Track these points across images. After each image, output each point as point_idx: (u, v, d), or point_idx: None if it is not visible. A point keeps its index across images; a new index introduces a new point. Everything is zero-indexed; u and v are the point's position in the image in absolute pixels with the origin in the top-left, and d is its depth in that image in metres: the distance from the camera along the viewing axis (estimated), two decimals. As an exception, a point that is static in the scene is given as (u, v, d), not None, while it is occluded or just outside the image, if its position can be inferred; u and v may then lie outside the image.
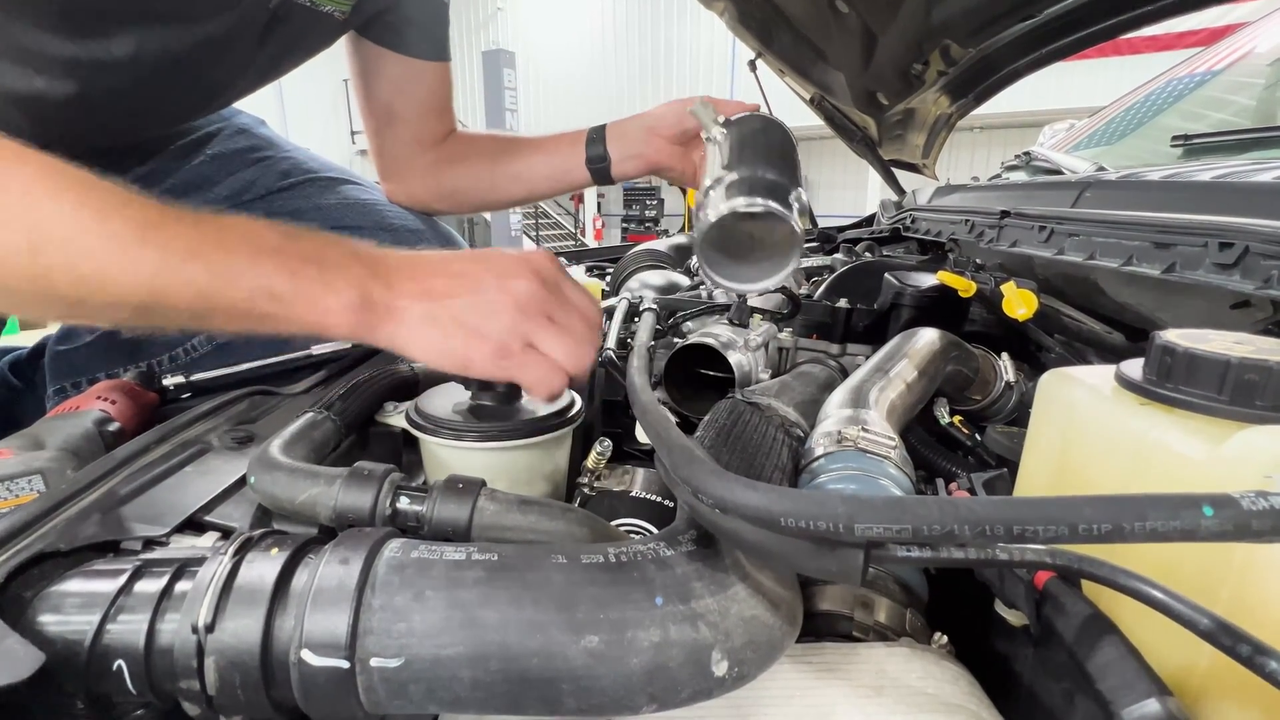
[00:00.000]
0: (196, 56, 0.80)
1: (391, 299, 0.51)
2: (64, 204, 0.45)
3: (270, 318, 0.49)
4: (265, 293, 0.48)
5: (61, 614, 0.33)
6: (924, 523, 0.27)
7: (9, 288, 0.45)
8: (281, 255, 0.50)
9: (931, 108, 1.58)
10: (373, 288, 0.50)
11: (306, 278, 0.49)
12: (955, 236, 1.06)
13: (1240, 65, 1.22)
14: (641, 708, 0.31)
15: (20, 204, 0.44)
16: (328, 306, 0.49)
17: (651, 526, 0.53)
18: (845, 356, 0.89)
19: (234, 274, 0.48)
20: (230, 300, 0.48)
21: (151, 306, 0.47)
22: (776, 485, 0.31)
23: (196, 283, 0.47)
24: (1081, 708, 0.34)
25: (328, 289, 0.49)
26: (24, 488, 0.49)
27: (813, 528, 0.28)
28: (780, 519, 0.28)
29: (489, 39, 12.96)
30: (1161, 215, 0.64)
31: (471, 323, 0.50)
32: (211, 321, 0.49)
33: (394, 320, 0.51)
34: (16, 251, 0.44)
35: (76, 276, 0.45)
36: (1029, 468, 0.48)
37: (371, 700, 0.31)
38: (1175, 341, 0.37)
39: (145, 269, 0.46)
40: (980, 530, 0.26)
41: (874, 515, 0.27)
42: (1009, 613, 0.40)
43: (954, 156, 11.14)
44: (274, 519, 0.45)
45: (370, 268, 0.51)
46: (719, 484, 0.31)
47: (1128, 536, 0.25)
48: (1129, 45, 7.44)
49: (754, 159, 0.58)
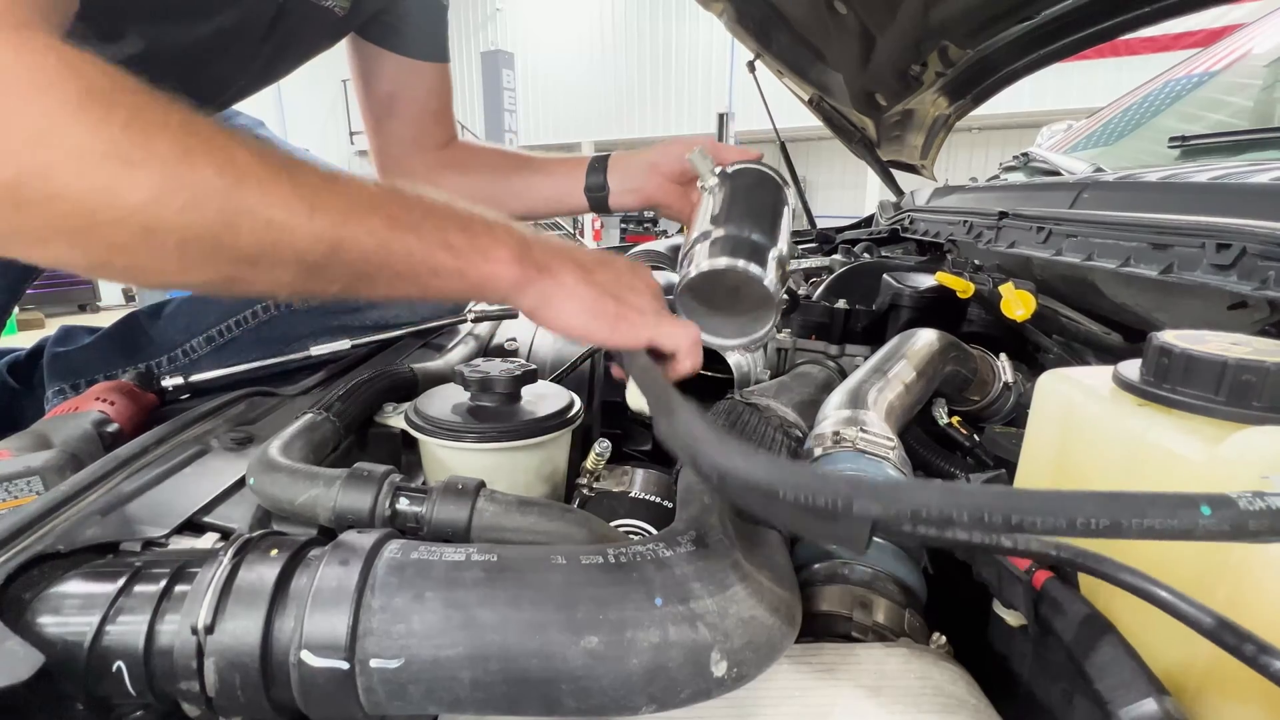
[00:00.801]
0: (203, 52, 0.81)
1: (549, 260, 0.53)
2: (251, 148, 0.43)
3: (440, 271, 0.49)
4: (441, 243, 0.49)
5: (61, 615, 0.33)
6: (923, 507, 0.27)
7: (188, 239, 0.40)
8: (450, 212, 0.51)
9: (930, 108, 1.59)
10: (534, 249, 0.53)
11: (475, 230, 0.51)
12: (953, 237, 1.07)
13: (1238, 66, 1.22)
14: (641, 708, 0.31)
15: (213, 144, 0.41)
16: (498, 256, 0.51)
17: (650, 527, 0.53)
18: (844, 357, 0.89)
19: (413, 223, 0.48)
20: (408, 249, 0.48)
21: (329, 261, 0.45)
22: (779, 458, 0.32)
23: (378, 233, 0.46)
24: (1079, 707, 0.34)
25: (496, 240, 0.51)
26: (23, 489, 0.49)
27: (812, 503, 0.29)
28: (780, 491, 0.29)
29: (488, 40, 12.96)
30: (1159, 216, 0.64)
31: (618, 291, 0.54)
32: (377, 280, 0.48)
33: (551, 279, 0.53)
34: (210, 192, 0.40)
35: (266, 222, 0.42)
36: (1027, 468, 0.48)
37: (371, 701, 0.31)
38: (1172, 342, 0.37)
39: (334, 216, 0.44)
40: (979, 518, 0.27)
41: (874, 496, 0.28)
42: (1007, 613, 0.40)
43: (952, 157, 11.13)
44: (273, 520, 0.45)
45: (527, 232, 0.54)
46: (719, 453, 0.32)
47: (1125, 533, 0.25)
48: (1127, 46, 7.44)
49: (742, 218, 0.60)
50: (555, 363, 0.89)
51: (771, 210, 0.63)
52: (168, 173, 0.39)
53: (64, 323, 1.00)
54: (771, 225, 0.61)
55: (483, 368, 0.56)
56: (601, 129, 13.33)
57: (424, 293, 0.51)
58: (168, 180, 0.39)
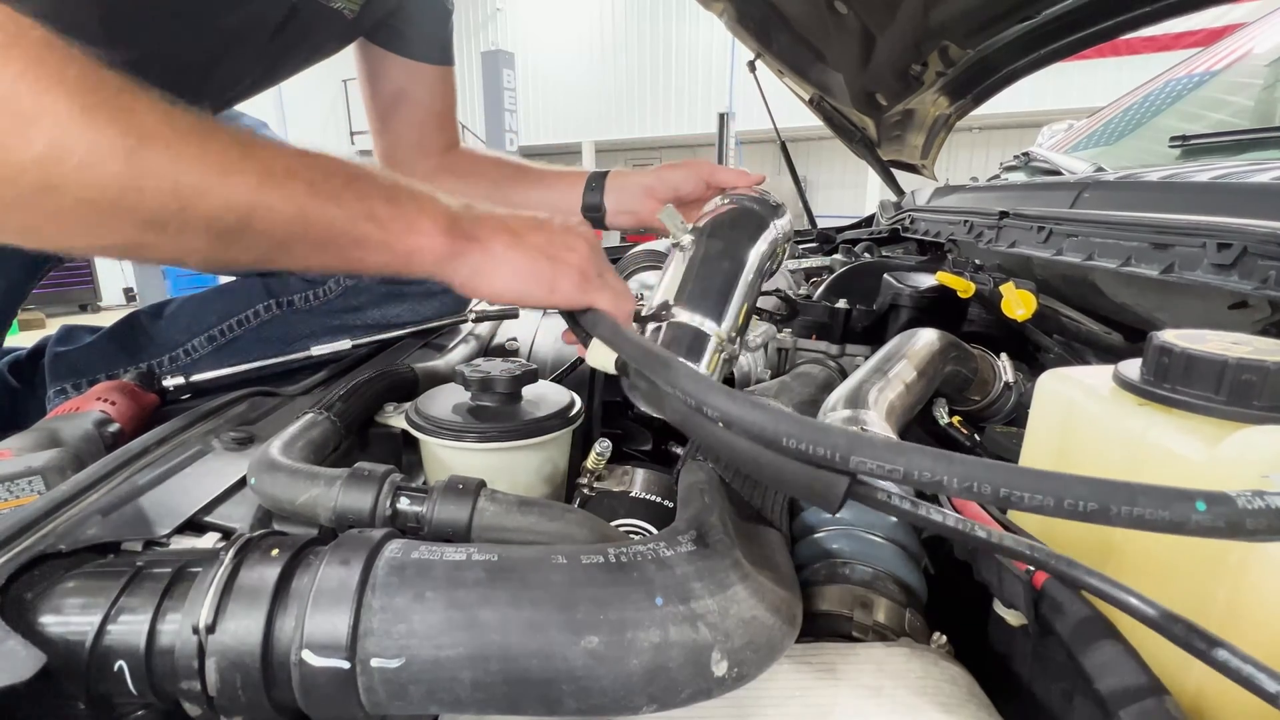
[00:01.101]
0: (213, 51, 0.81)
1: (479, 230, 0.53)
2: (159, 110, 0.41)
3: (363, 242, 0.48)
4: (364, 212, 0.48)
5: (62, 615, 0.33)
6: (916, 468, 0.28)
7: (89, 197, 0.39)
8: (376, 181, 0.50)
9: (930, 108, 1.59)
10: (462, 220, 0.52)
11: (401, 201, 0.50)
12: (954, 237, 1.06)
13: (1238, 66, 1.22)
14: (641, 708, 0.31)
15: (115, 103, 0.39)
16: (423, 229, 0.50)
17: (651, 527, 0.53)
18: (844, 357, 0.89)
19: (334, 192, 0.47)
20: (329, 219, 0.46)
21: (242, 228, 0.44)
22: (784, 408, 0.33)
23: (297, 199, 0.45)
24: (1080, 707, 0.34)
25: (422, 212, 0.50)
26: (24, 489, 0.49)
27: (811, 452, 0.30)
28: (783, 439, 0.30)
29: (488, 40, 12.96)
30: (1160, 216, 0.64)
31: (553, 252, 0.54)
32: (295, 250, 0.47)
33: (480, 249, 0.52)
34: (112, 150, 0.38)
35: (174, 185, 0.40)
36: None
37: (372, 701, 0.31)
38: (1173, 342, 0.37)
39: (249, 181, 0.43)
40: (968, 486, 0.27)
41: (871, 451, 0.29)
42: (1008, 613, 0.40)
43: (953, 157, 11.14)
44: (274, 520, 0.45)
45: (455, 203, 0.53)
46: (727, 400, 0.33)
47: (1113, 519, 0.25)
48: (1127, 46, 7.44)
49: (700, 294, 0.61)
50: (556, 362, 0.89)
51: (727, 282, 0.63)
52: (63, 129, 0.37)
53: (65, 322, 1.00)
54: (721, 302, 0.62)
55: (483, 367, 0.56)
56: (602, 129, 13.33)
57: (347, 264, 0.50)
58: (63, 137, 0.37)
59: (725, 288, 0.63)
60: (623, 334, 0.48)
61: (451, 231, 0.51)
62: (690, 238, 0.66)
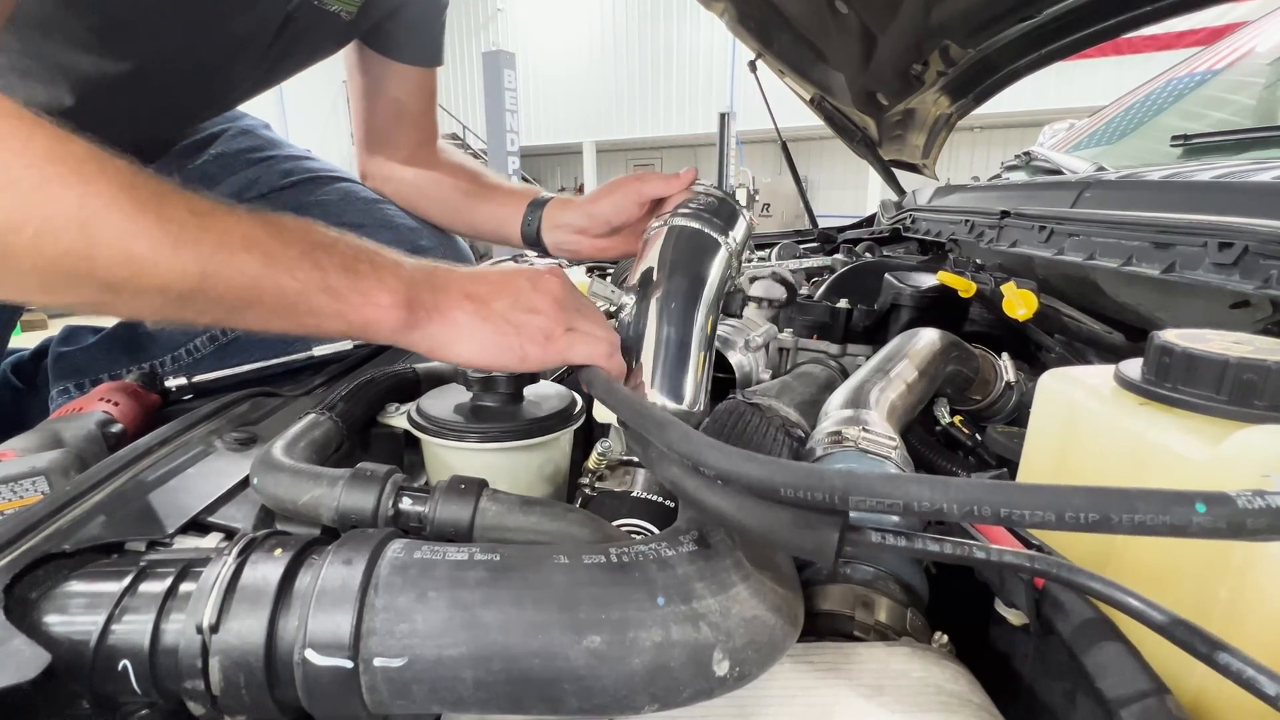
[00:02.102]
0: (212, 58, 0.81)
1: (439, 299, 0.52)
2: (118, 182, 0.42)
3: (317, 312, 0.49)
4: (319, 284, 0.48)
5: (67, 615, 0.33)
6: (914, 499, 0.28)
7: (43, 265, 0.41)
8: (336, 251, 0.50)
9: (931, 108, 1.59)
10: (421, 288, 0.52)
11: (359, 273, 0.50)
12: (955, 237, 1.07)
13: (1240, 65, 1.22)
14: (643, 707, 0.31)
15: (75, 175, 0.41)
16: (379, 301, 0.50)
17: (653, 527, 0.53)
18: (845, 357, 0.89)
19: (289, 263, 0.47)
20: (281, 289, 0.47)
21: (195, 295, 0.45)
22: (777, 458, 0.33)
23: (250, 271, 0.46)
24: (1081, 706, 0.34)
25: (380, 284, 0.50)
26: (28, 489, 0.49)
27: (810, 498, 0.30)
28: (780, 489, 0.30)
29: (489, 40, 12.96)
30: (1161, 215, 0.64)
31: (518, 319, 0.53)
32: (250, 315, 0.48)
33: (441, 320, 0.52)
34: (67, 222, 0.40)
35: (126, 256, 0.42)
36: (1029, 467, 0.48)
37: (375, 700, 0.31)
38: (1174, 341, 0.37)
39: (201, 252, 0.44)
40: (968, 510, 0.27)
41: (868, 489, 0.29)
42: (1009, 612, 0.40)
43: (954, 156, 11.14)
44: (277, 520, 0.45)
45: (417, 271, 0.53)
46: (721, 456, 0.33)
47: (1115, 528, 0.26)
48: (1129, 45, 7.43)
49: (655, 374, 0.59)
50: (557, 362, 0.88)
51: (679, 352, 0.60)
52: (20, 201, 0.39)
53: (67, 323, 1.00)
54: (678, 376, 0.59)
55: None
56: (603, 129, 13.34)
57: (304, 330, 0.50)
58: (20, 209, 0.39)
59: (679, 359, 0.60)
60: (616, 394, 0.47)
61: (409, 303, 0.51)
62: (630, 299, 0.63)
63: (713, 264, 0.65)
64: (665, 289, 0.62)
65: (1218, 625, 0.31)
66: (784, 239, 1.69)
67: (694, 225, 0.66)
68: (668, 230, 0.67)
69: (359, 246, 0.52)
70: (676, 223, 0.67)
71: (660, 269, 0.64)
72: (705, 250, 0.66)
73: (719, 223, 0.67)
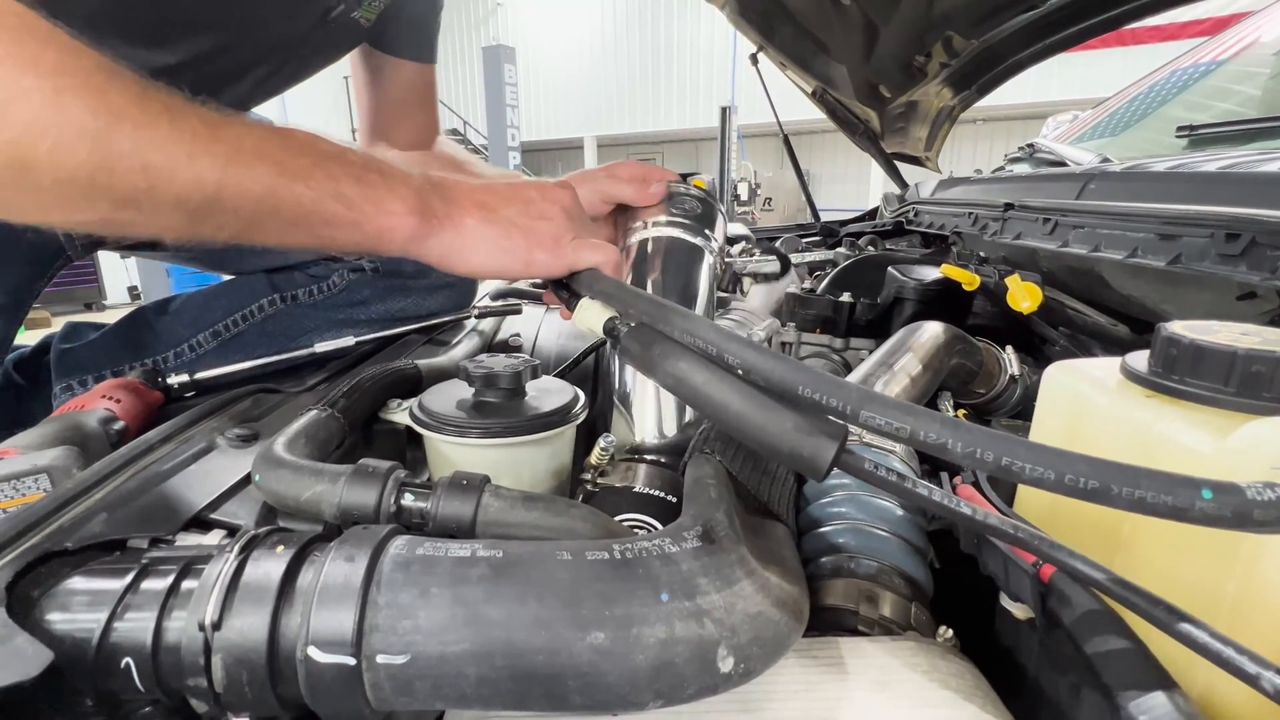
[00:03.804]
0: (246, 61, 0.83)
1: (450, 209, 0.53)
2: (131, 92, 0.42)
3: (332, 221, 0.49)
4: (332, 192, 0.48)
5: (69, 612, 0.33)
6: (923, 429, 0.29)
7: (63, 177, 0.40)
8: (345, 160, 0.50)
9: (934, 100, 1.58)
10: (432, 197, 0.52)
11: (370, 182, 0.50)
12: (959, 229, 1.06)
13: (1246, 54, 1.21)
14: (647, 704, 0.31)
15: (86, 87, 0.40)
16: (392, 209, 0.50)
17: (655, 522, 0.53)
18: (849, 351, 0.89)
19: (302, 171, 0.47)
20: (296, 198, 0.47)
21: (213, 206, 0.45)
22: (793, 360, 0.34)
23: (264, 179, 0.46)
24: (1087, 700, 0.34)
25: (391, 192, 0.51)
26: (30, 486, 0.49)
27: (825, 403, 0.31)
28: (799, 387, 0.32)
29: (489, 35, 12.93)
30: (1167, 206, 0.63)
31: (527, 223, 0.53)
32: (268, 228, 0.48)
33: (453, 227, 0.52)
34: (81, 133, 0.40)
35: (142, 165, 0.42)
36: (1034, 461, 0.47)
37: (378, 697, 0.31)
38: (1181, 333, 0.36)
39: (216, 161, 0.44)
40: (970, 452, 0.28)
41: (881, 409, 0.30)
42: (1014, 606, 0.40)
43: (957, 149, 11.10)
44: (279, 516, 0.45)
45: (427, 181, 0.53)
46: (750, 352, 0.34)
47: (1114, 500, 0.25)
48: (1133, 35, 7.39)
49: None
50: (559, 358, 0.89)
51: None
52: (35, 113, 0.38)
53: (69, 320, 1.00)
54: None
55: (487, 363, 0.56)
56: (603, 124, 13.31)
57: (320, 243, 0.50)
58: (36, 120, 0.38)
59: None
60: (627, 289, 0.48)
61: (421, 211, 0.51)
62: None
63: (700, 270, 0.65)
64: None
65: (1225, 619, 0.31)
66: (786, 233, 1.68)
67: (670, 234, 0.65)
68: (653, 241, 0.65)
69: (367, 157, 0.52)
70: (656, 233, 0.65)
71: (649, 283, 0.63)
72: (691, 259, 0.64)
73: (695, 226, 0.66)
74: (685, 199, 0.68)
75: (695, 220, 0.66)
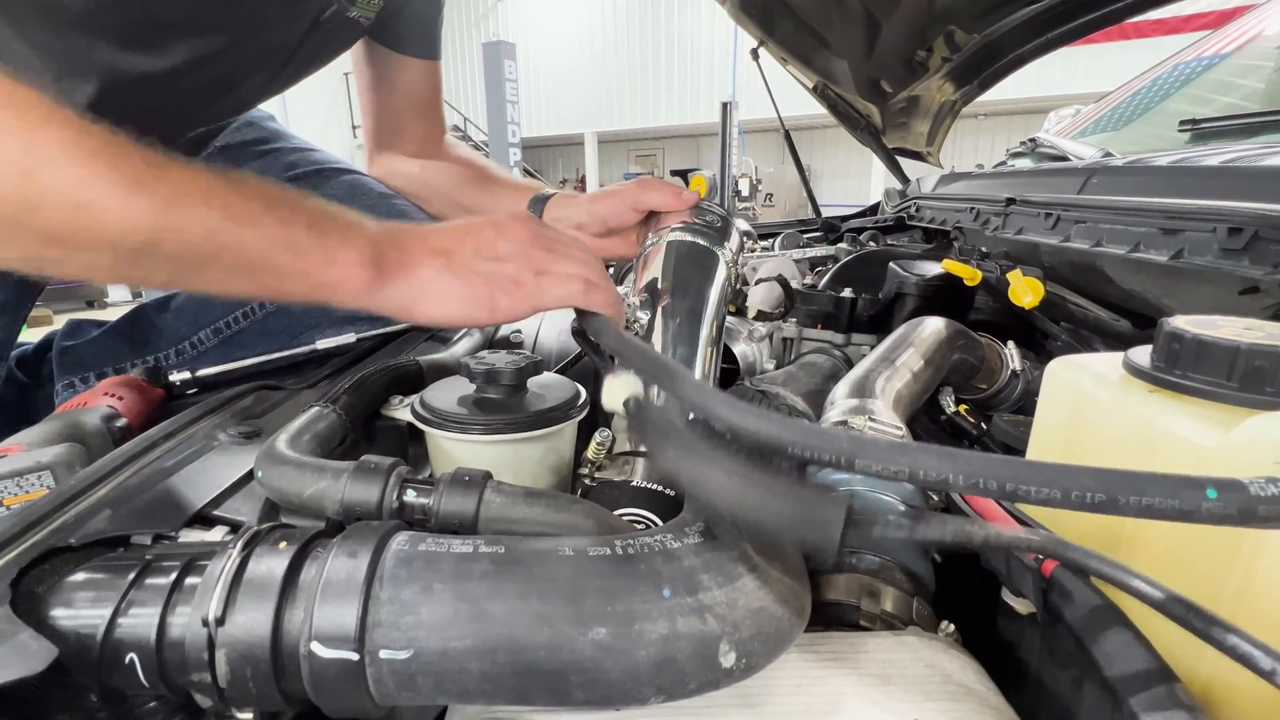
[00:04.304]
0: (241, 63, 0.82)
1: (404, 258, 0.51)
2: (68, 130, 0.41)
3: (278, 270, 0.47)
4: (281, 240, 0.47)
5: (73, 608, 0.33)
6: (921, 467, 0.28)
7: None
8: (298, 208, 0.49)
9: (936, 94, 1.57)
10: (386, 248, 0.51)
11: (322, 231, 0.49)
12: (960, 224, 1.06)
13: (1249, 48, 1.20)
14: (649, 699, 0.31)
15: (20, 121, 0.40)
16: (343, 259, 0.48)
17: (654, 516, 0.53)
18: (850, 346, 0.88)
19: (250, 216, 0.46)
20: (241, 245, 0.45)
21: (147, 250, 0.43)
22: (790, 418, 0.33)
23: (207, 223, 0.44)
24: (1089, 695, 0.34)
25: (344, 243, 0.49)
26: (34, 483, 0.49)
27: (817, 458, 0.30)
28: (788, 447, 0.30)
29: (489, 31, 12.90)
30: (1169, 201, 0.63)
31: (484, 268, 0.52)
32: (208, 274, 0.46)
33: (408, 278, 0.51)
34: (9, 168, 0.39)
35: (73, 204, 0.41)
36: (1036, 456, 0.48)
37: (381, 692, 0.31)
38: (1183, 328, 0.36)
39: (154, 203, 0.42)
40: (974, 483, 0.27)
41: (875, 454, 0.29)
42: (1016, 601, 0.40)
43: (958, 144, 11.08)
44: (281, 513, 0.45)
45: (381, 230, 0.52)
46: (735, 414, 0.33)
47: (1122, 510, 0.25)
48: (1135, 29, 7.36)
49: None
50: (560, 354, 0.88)
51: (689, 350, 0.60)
52: None
53: (71, 317, 1.00)
54: None
55: (488, 360, 0.56)
56: (604, 120, 13.28)
57: (264, 291, 0.48)
58: None
59: (688, 365, 0.60)
60: (628, 342, 0.46)
61: (375, 262, 0.49)
62: (645, 315, 0.62)
63: (714, 275, 0.67)
64: (671, 302, 0.64)
65: (1227, 613, 0.31)
66: (787, 228, 1.68)
67: (689, 238, 0.69)
68: (667, 245, 0.69)
69: (322, 205, 0.51)
70: (675, 237, 0.70)
71: (664, 282, 0.66)
72: (706, 263, 0.68)
73: (715, 235, 0.70)
74: (708, 213, 0.73)
75: (715, 231, 0.70)
